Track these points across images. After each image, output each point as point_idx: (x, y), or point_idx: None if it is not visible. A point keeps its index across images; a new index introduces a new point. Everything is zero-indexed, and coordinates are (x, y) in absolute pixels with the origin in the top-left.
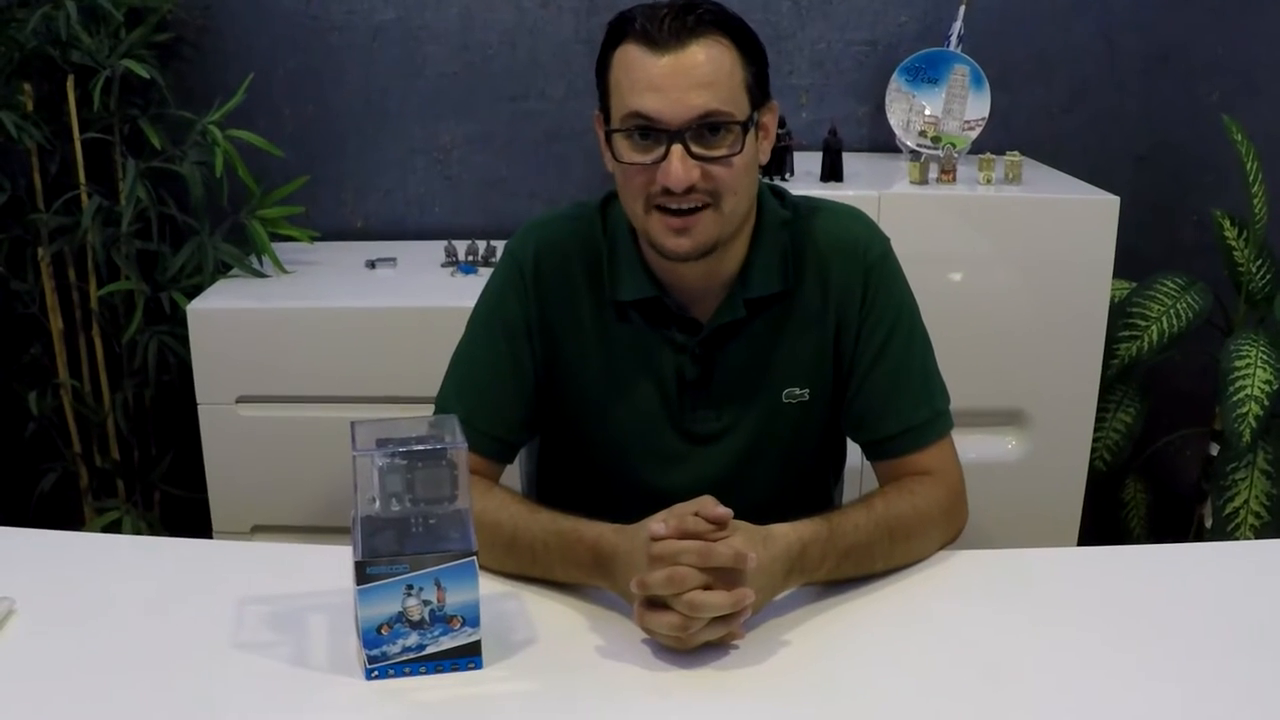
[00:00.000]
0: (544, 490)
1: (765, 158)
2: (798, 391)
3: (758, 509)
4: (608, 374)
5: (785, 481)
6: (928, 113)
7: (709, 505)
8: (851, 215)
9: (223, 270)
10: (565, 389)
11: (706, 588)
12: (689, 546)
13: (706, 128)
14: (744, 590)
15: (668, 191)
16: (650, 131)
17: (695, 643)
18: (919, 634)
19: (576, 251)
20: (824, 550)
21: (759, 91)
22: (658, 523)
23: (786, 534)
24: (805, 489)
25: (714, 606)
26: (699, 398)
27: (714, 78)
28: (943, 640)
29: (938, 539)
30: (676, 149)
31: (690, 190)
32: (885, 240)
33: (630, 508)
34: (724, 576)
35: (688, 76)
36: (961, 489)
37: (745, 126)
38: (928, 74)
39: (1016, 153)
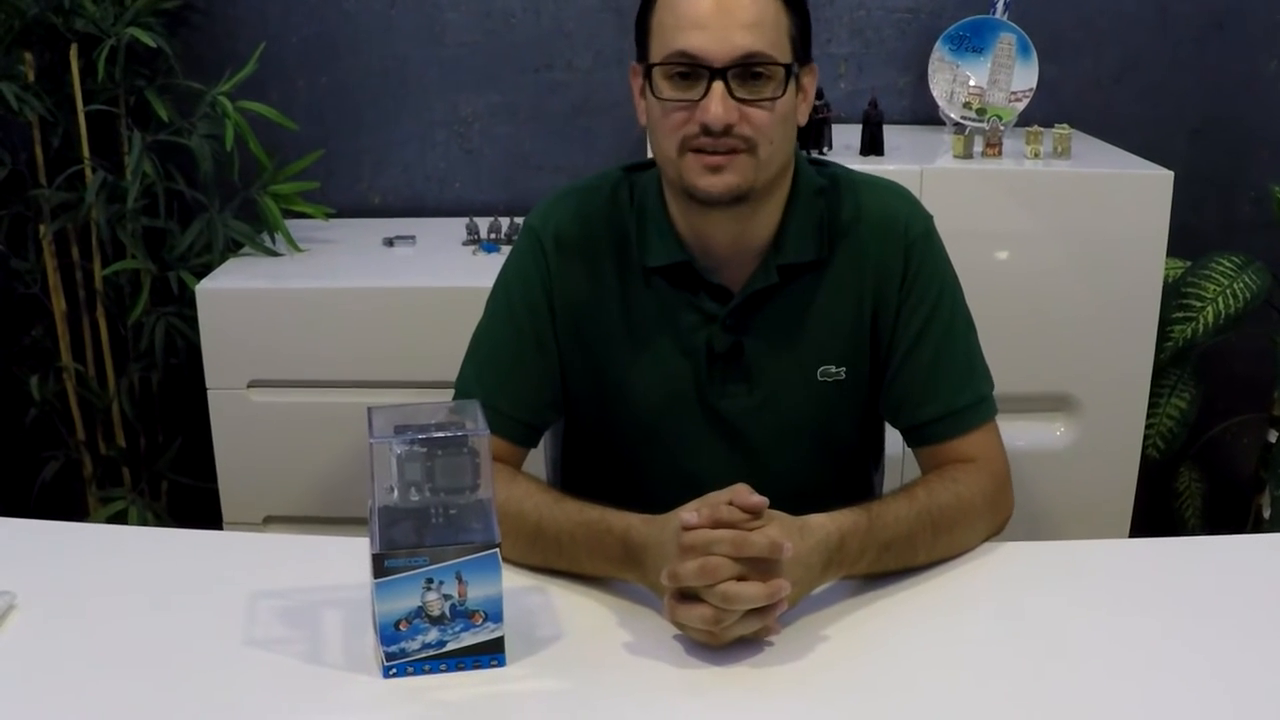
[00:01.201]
0: (569, 476)
1: (803, 120)
2: (833, 370)
3: (794, 497)
4: (634, 348)
5: (822, 468)
6: (972, 83)
7: (743, 493)
8: (893, 190)
9: (233, 249)
10: (591, 366)
11: (740, 579)
12: (722, 536)
13: (749, 71)
14: (780, 581)
15: (706, 132)
16: (692, 70)
17: (729, 637)
18: (963, 630)
19: (601, 223)
20: (863, 542)
21: (802, 48)
22: (689, 512)
23: (824, 524)
24: (844, 476)
25: (748, 598)
26: (729, 371)
27: (760, 19)
28: (988, 636)
29: (982, 530)
30: (718, 86)
31: (727, 132)
32: (928, 217)
33: (660, 493)
34: (759, 568)
35: (733, 16)
36: (1007, 478)
37: (789, 72)
38: (972, 43)
39: (1065, 125)
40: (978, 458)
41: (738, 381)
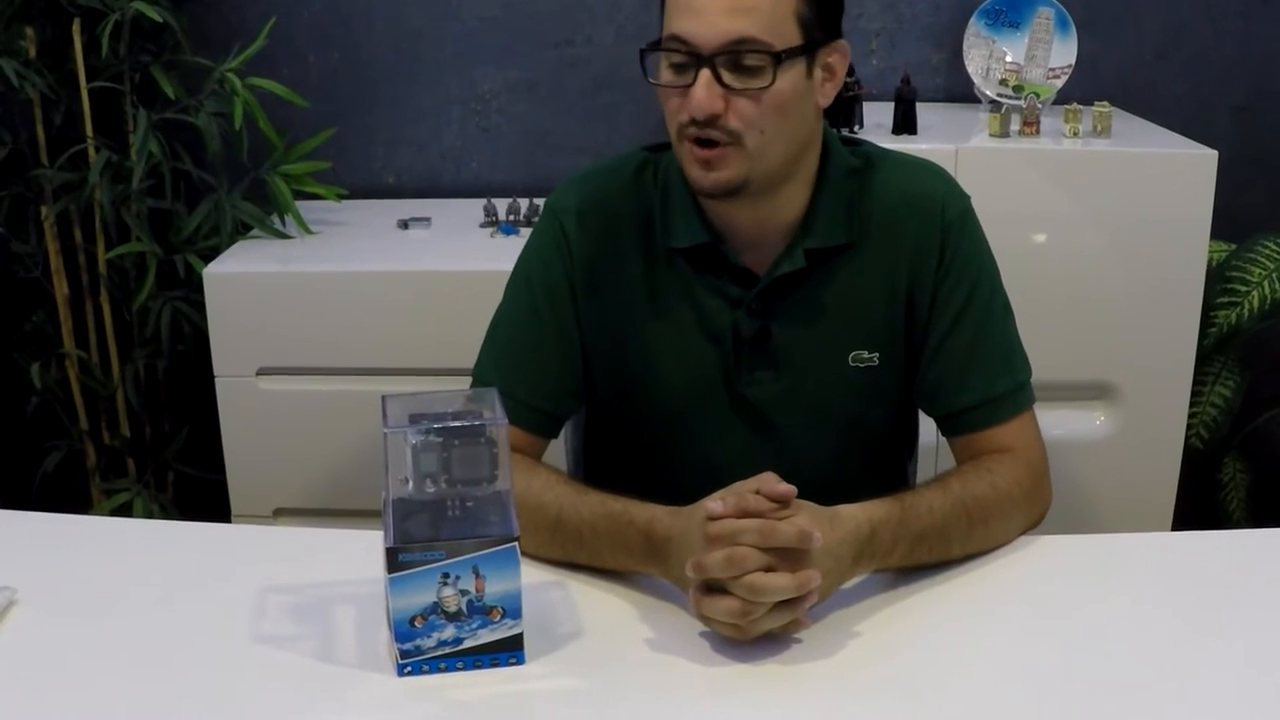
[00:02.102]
0: (592, 467)
1: (826, 101)
2: (865, 355)
3: (825, 488)
4: (658, 333)
5: (854, 457)
6: (1009, 59)
7: (771, 482)
8: (929, 169)
9: (242, 231)
10: (613, 352)
11: (768, 569)
12: (749, 525)
13: (740, 57)
14: (809, 572)
15: (694, 121)
16: (685, 56)
17: (757, 631)
18: (998, 627)
19: (624, 204)
20: (896, 534)
21: (820, 27)
22: (715, 501)
23: (855, 515)
24: (876, 466)
25: (776, 590)
26: (756, 357)
27: (754, 3)
28: (1024, 633)
29: (1019, 523)
30: (704, 74)
31: (713, 123)
32: (965, 197)
33: (685, 485)
34: (787, 559)
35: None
36: (1044, 468)
37: (779, 59)
38: (1009, 17)
39: (1105, 103)
40: (1014, 447)
41: (765, 368)
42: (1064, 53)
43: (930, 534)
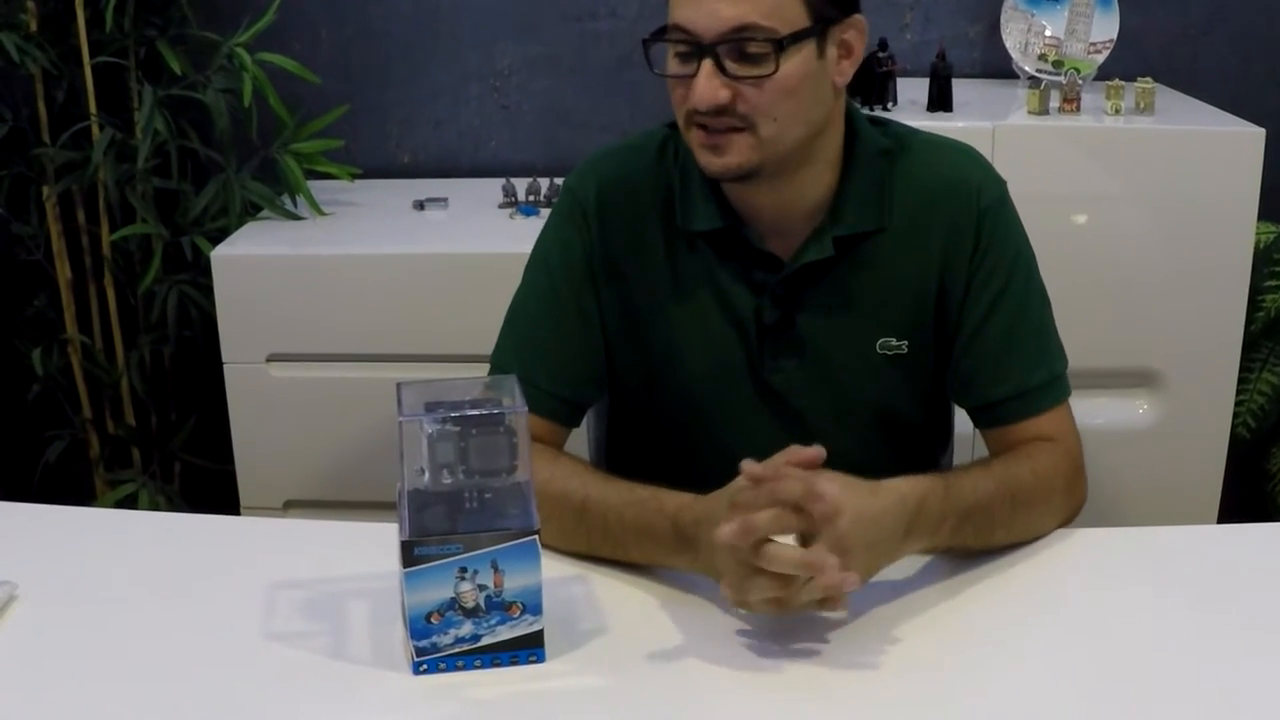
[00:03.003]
0: (614, 457)
1: (844, 80)
2: (894, 343)
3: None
4: (681, 318)
5: (883, 447)
6: (1048, 34)
7: (796, 451)
8: (963, 152)
9: (251, 212)
10: (635, 338)
11: (803, 536)
12: (764, 490)
13: (742, 45)
14: (819, 555)
15: (701, 110)
16: (687, 45)
17: (794, 605)
18: (1038, 622)
19: (645, 184)
20: (943, 507)
21: (832, 3)
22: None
23: (899, 486)
24: (908, 457)
25: (783, 561)
26: (780, 345)
27: None
28: (1065, 628)
29: (1059, 513)
30: (706, 65)
31: (721, 112)
32: (1001, 183)
33: (710, 475)
34: (819, 528)
35: None
36: (1081, 463)
37: (781, 45)
38: None
39: (1149, 79)
40: (1052, 440)
41: (789, 355)
42: (1105, 26)
43: (976, 512)
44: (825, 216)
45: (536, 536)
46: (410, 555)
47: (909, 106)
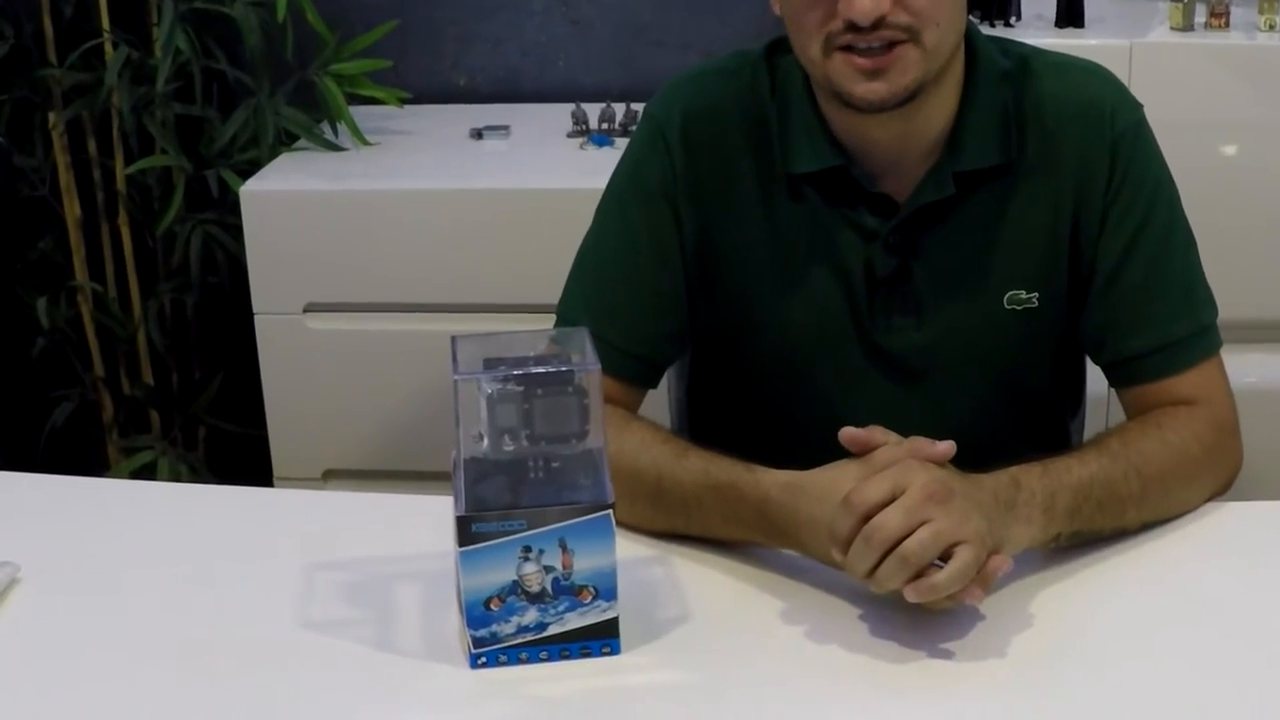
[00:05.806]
0: (697, 422)
1: None
2: (1024, 295)
3: (976, 450)
4: (777, 268)
5: (1008, 415)
6: None
7: (924, 446)
8: (1093, 72)
9: (286, 142)
10: (723, 287)
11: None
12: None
13: None
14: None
15: (853, 28)
16: None
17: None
18: (1180, 610)
19: (736, 114)
20: (1044, 483)
21: None
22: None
23: (982, 478)
24: (1034, 425)
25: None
26: (894, 300)
27: None
28: (1216, 617)
29: (1205, 485)
30: None
31: (880, 25)
32: (1138, 107)
33: (810, 445)
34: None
35: None
36: (1234, 424)
37: None
38: None
39: None
40: (1197, 400)
41: (905, 313)
42: None
43: (1093, 488)
44: (943, 151)
45: (611, 511)
46: (467, 532)
47: (1034, 22)
